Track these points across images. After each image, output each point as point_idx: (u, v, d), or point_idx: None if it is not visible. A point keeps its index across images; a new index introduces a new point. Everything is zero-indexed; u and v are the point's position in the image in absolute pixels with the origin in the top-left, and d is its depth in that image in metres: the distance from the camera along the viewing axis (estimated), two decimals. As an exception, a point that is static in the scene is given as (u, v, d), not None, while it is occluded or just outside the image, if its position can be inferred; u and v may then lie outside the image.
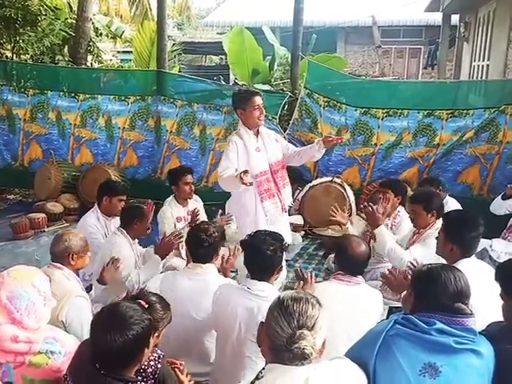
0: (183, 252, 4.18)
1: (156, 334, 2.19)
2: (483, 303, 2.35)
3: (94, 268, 3.48)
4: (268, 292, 2.51)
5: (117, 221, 3.93)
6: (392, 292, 3.13)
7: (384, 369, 1.68)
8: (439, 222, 3.44)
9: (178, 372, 2.19)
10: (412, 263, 3.08)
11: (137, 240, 3.80)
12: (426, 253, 3.25)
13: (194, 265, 2.90)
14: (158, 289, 2.84)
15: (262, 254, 2.53)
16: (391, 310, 2.62)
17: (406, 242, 3.71)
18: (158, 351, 2.15)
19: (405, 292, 2.09)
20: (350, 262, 2.73)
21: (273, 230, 2.81)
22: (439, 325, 1.70)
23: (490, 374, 1.75)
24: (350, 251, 2.73)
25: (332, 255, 4.25)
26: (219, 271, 3.07)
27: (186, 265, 3.13)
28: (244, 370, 2.46)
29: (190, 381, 2.27)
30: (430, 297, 1.80)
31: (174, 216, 4.26)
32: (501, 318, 2.05)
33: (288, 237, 3.83)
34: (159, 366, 2.08)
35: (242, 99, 3.82)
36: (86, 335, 2.12)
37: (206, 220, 4.22)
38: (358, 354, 1.74)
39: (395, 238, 3.76)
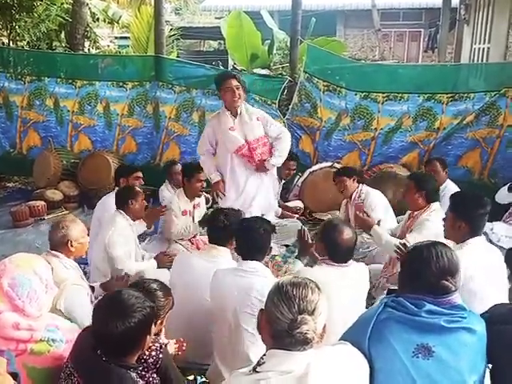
0: (182, 244, 4.27)
1: (158, 322, 2.20)
2: (489, 284, 2.35)
3: (93, 246, 3.49)
4: (259, 268, 2.62)
5: None
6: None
7: (378, 352, 1.69)
8: (434, 205, 3.48)
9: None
10: (399, 246, 3.13)
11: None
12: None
13: (210, 246, 2.99)
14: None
15: (254, 235, 2.65)
16: (390, 293, 2.64)
17: (401, 226, 3.77)
18: (160, 341, 2.16)
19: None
20: (338, 251, 2.60)
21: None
22: (428, 306, 1.71)
23: (484, 350, 1.75)
24: (338, 240, 2.58)
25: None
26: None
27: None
28: (243, 344, 2.52)
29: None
30: (415, 275, 1.80)
31: (180, 209, 4.25)
32: (505, 300, 2.04)
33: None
34: (161, 356, 2.07)
35: (217, 81, 4.10)
36: (86, 323, 2.12)
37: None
38: (351, 340, 1.74)
39: (392, 227, 3.93)
